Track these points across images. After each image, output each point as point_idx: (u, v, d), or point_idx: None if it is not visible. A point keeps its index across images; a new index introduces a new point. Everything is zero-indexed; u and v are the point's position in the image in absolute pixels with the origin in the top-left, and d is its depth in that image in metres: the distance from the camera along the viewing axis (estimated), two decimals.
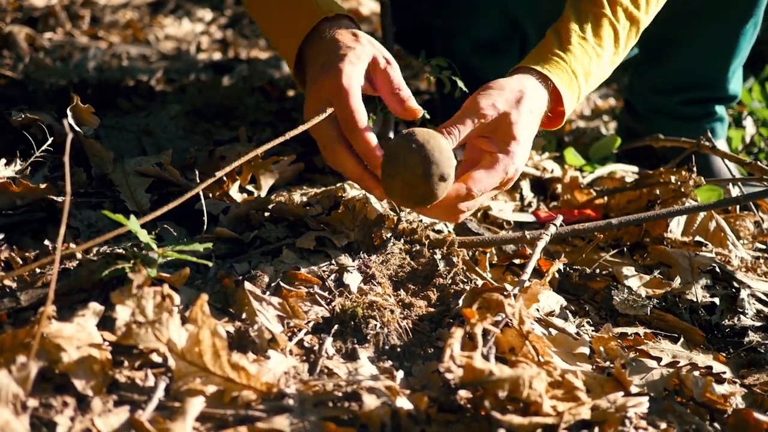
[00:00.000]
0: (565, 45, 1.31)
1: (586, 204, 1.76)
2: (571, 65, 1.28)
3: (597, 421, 0.96)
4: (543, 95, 1.25)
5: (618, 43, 1.36)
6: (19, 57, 2.67)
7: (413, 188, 1.09)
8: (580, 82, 1.29)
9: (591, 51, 1.31)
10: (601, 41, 1.33)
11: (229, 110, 2.13)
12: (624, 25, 1.35)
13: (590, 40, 1.32)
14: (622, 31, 1.35)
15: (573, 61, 1.29)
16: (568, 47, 1.30)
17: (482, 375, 0.92)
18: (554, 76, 1.26)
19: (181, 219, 1.31)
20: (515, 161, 1.17)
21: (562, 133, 2.52)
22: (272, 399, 0.93)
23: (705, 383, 1.09)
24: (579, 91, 1.31)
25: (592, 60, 1.32)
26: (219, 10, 3.84)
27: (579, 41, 1.31)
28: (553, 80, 1.26)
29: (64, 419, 0.84)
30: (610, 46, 1.34)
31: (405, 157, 1.08)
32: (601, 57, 1.33)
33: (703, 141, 1.78)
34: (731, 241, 1.59)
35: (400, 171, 1.09)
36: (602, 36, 1.33)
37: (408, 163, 1.08)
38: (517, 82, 1.22)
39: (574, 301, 1.38)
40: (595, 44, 1.32)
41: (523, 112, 1.19)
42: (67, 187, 0.86)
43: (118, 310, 0.90)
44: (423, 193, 1.10)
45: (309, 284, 1.17)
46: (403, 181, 1.09)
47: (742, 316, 1.36)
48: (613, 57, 1.36)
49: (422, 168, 1.07)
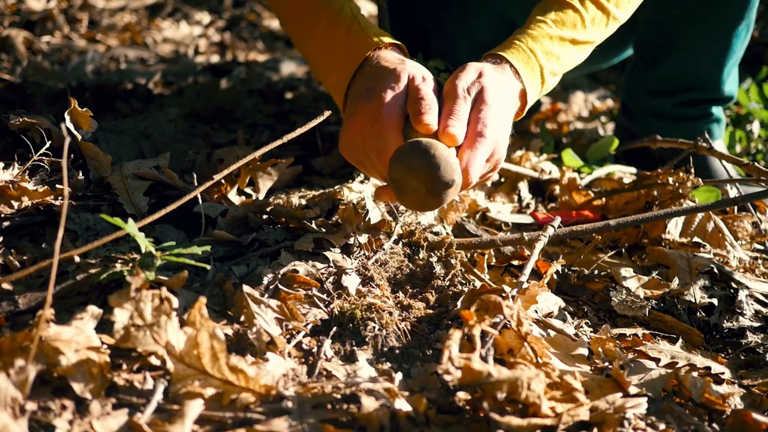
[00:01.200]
0: (523, 30, 1.34)
1: (584, 205, 1.76)
2: (527, 44, 1.31)
3: (596, 422, 0.96)
4: (503, 70, 1.27)
5: (585, 26, 1.36)
6: (17, 60, 2.67)
7: (423, 204, 1.14)
8: (540, 60, 1.31)
9: (551, 31, 1.33)
10: (563, 24, 1.35)
11: (228, 113, 2.14)
12: (591, 12, 1.37)
13: (550, 23, 1.34)
14: (588, 15, 1.36)
15: (529, 41, 1.31)
16: (525, 31, 1.33)
17: (481, 376, 0.92)
18: (508, 55, 1.28)
19: (179, 222, 1.31)
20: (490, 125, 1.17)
21: (560, 134, 2.52)
22: (271, 401, 0.93)
23: (704, 384, 1.09)
24: (541, 69, 1.31)
25: (554, 40, 1.33)
26: (217, 13, 3.84)
27: (538, 24, 1.34)
28: (507, 57, 1.28)
29: (63, 422, 0.84)
30: (575, 30, 1.36)
31: (408, 182, 1.11)
32: (564, 39, 1.34)
33: (701, 142, 1.78)
34: (729, 242, 1.59)
35: (409, 193, 1.13)
36: (564, 20, 1.35)
37: (411, 185, 1.11)
38: (475, 64, 1.25)
39: (573, 302, 1.38)
40: (555, 26, 1.34)
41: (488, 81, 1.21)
42: (65, 190, 0.86)
43: (117, 313, 0.90)
44: (434, 204, 1.14)
45: (307, 286, 1.17)
46: (412, 200, 1.14)
47: (741, 316, 1.36)
48: (581, 43, 1.38)
49: (426, 188, 1.10)
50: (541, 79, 1.32)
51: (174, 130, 1.83)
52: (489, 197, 1.76)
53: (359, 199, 1.40)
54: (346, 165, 1.73)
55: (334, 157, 1.79)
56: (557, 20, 1.34)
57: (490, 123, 1.17)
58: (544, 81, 1.32)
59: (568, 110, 2.82)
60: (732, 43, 1.88)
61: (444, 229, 1.49)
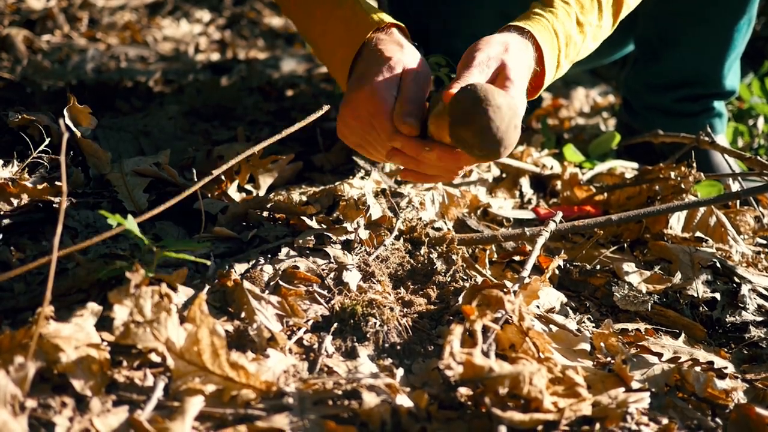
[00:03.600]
0: (546, 6, 1.31)
1: (586, 200, 1.75)
2: (553, 24, 1.28)
3: (598, 417, 0.95)
4: (527, 48, 1.24)
5: (602, 15, 1.35)
6: (17, 59, 2.67)
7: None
8: (560, 44, 1.29)
9: (573, 15, 1.31)
10: (583, 8, 1.32)
11: (228, 110, 2.13)
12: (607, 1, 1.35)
13: (573, 5, 1.31)
14: (606, 4, 1.35)
15: (555, 20, 1.29)
16: (549, 9, 1.30)
17: (482, 372, 0.92)
18: (535, 31, 1.25)
19: (179, 219, 1.31)
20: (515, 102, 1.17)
21: (562, 129, 2.52)
22: (272, 398, 0.93)
23: (706, 378, 1.08)
24: (559, 53, 1.29)
25: (574, 24, 1.31)
26: (217, 11, 3.84)
27: (562, 3, 1.31)
28: (534, 34, 1.25)
29: (63, 419, 0.84)
30: (593, 16, 1.34)
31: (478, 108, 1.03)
32: (582, 25, 1.32)
33: (703, 136, 1.77)
34: (732, 237, 1.58)
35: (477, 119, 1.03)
36: (584, 4, 1.33)
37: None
38: (500, 36, 1.23)
39: (575, 297, 1.38)
40: (578, 10, 1.32)
41: (513, 58, 1.19)
42: (64, 186, 0.86)
43: (116, 310, 0.90)
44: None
45: (308, 282, 1.17)
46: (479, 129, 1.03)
47: (744, 311, 1.35)
48: (595, 29, 1.36)
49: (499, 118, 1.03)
50: (557, 63, 1.30)
51: (174, 128, 1.82)
52: (490, 193, 1.75)
53: (360, 195, 1.40)
54: (347, 161, 1.72)
55: (334, 153, 1.78)
56: (579, 3, 1.32)
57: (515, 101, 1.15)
58: (559, 65, 1.31)
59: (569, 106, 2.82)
60: (733, 38, 1.88)
61: (445, 224, 1.49)
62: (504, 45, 1.21)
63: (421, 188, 1.58)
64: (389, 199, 1.46)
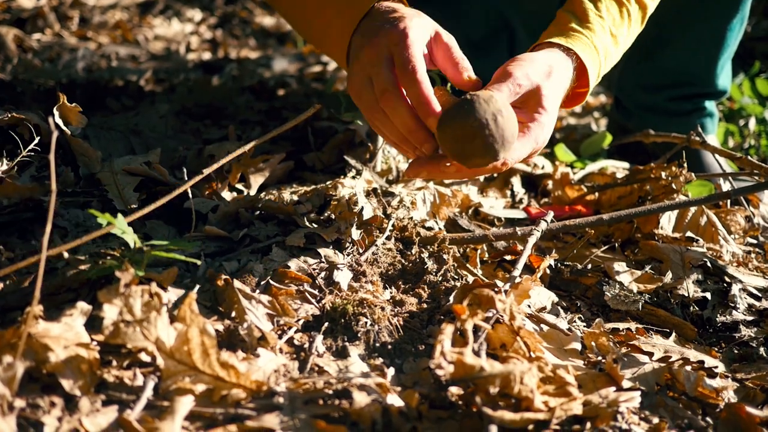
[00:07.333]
0: (583, 22, 1.30)
1: (577, 200, 1.75)
2: (593, 41, 1.28)
3: (589, 416, 0.95)
4: (569, 70, 1.24)
5: (631, 25, 1.35)
6: (8, 58, 2.66)
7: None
8: (600, 59, 1.29)
9: (607, 29, 1.31)
10: (614, 21, 1.32)
11: (219, 110, 2.12)
12: (634, 8, 1.35)
13: (606, 19, 1.31)
14: (634, 13, 1.35)
15: (594, 37, 1.28)
16: (587, 24, 1.29)
17: (473, 371, 0.92)
18: (580, 51, 1.25)
19: (170, 218, 1.31)
20: (545, 131, 1.17)
21: (554, 128, 2.52)
22: (262, 397, 0.93)
23: (697, 378, 1.08)
24: (599, 68, 1.30)
25: (609, 38, 1.31)
26: (209, 10, 3.83)
27: (596, 18, 1.30)
28: (579, 55, 1.25)
29: (52, 419, 0.84)
30: (623, 28, 1.34)
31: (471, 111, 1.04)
32: (615, 37, 1.33)
33: (694, 136, 1.78)
34: (722, 236, 1.59)
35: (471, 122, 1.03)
36: (614, 16, 1.33)
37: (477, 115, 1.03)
38: (545, 55, 1.22)
39: (566, 296, 1.38)
40: (611, 24, 1.32)
41: (552, 85, 1.19)
42: (53, 185, 0.85)
43: (106, 309, 0.90)
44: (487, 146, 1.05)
45: (299, 282, 1.16)
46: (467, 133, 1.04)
47: (734, 310, 1.36)
48: (626, 39, 1.36)
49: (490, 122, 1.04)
50: (597, 77, 1.31)
51: (165, 127, 1.81)
52: (482, 192, 1.75)
53: (351, 195, 1.40)
54: (339, 161, 1.72)
55: (326, 152, 1.78)
56: (611, 16, 1.32)
57: (544, 131, 1.17)
58: (597, 79, 1.32)
59: None
60: (726, 37, 1.88)
61: (436, 224, 1.49)
62: (548, 67, 1.19)
63: (413, 188, 1.58)
64: (380, 198, 1.46)
